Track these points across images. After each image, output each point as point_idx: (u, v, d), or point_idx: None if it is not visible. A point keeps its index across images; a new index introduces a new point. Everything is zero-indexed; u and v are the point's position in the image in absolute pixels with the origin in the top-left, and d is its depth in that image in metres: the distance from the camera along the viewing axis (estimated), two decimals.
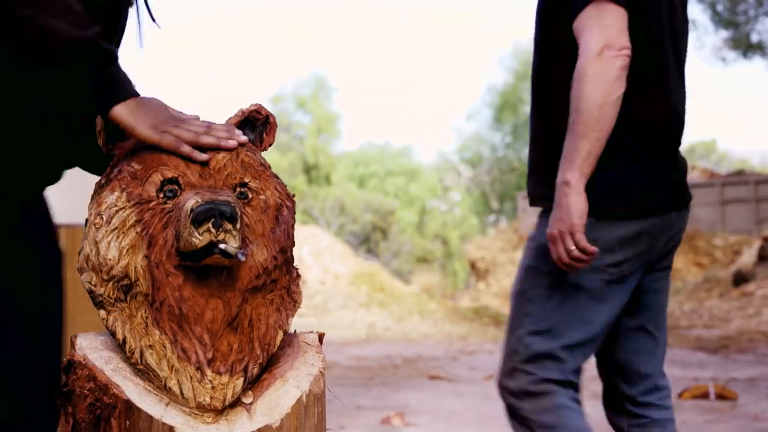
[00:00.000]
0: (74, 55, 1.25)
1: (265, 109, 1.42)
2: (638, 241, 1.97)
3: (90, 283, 1.27)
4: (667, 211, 1.99)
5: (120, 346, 1.25)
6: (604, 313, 2.00)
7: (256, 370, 1.26)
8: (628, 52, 1.87)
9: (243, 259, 1.21)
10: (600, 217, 1.93)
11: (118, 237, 1.24)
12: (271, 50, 70.03)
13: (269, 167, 1.38)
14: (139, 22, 1.61)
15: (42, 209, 1.55)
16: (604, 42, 1.85)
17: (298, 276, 1.36)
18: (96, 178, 1.39)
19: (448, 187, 35.22)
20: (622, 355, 2.08)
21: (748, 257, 11.19)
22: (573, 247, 1.86)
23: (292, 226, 1.35)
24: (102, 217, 1.27)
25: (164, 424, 1.19)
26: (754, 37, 16.52)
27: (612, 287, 1.99)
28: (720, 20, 16.53)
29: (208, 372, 1.22)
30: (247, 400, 1.25)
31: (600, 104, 1.85)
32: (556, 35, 2.01)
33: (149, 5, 1.61)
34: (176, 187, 1.27)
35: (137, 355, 1.23)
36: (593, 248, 1.88)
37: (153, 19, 1.61)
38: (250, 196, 1.31)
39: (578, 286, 1.98)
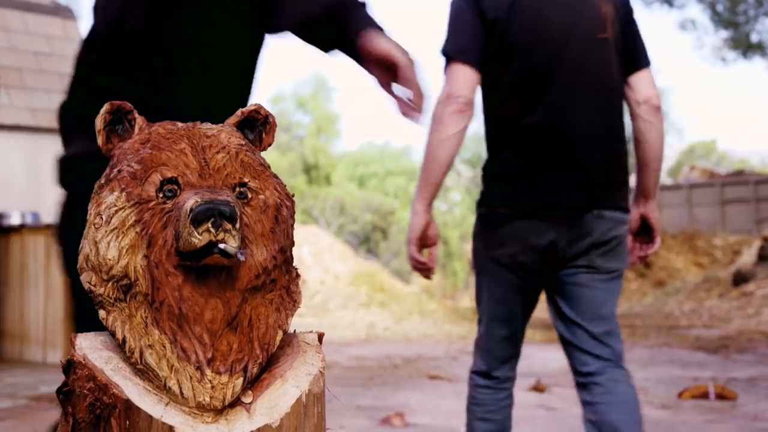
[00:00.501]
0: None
1: (265, 109, 1.42)
2: (522, 236, 2.31)
3: (90, 283, 1.27)
4: (539, 217, 2.30)
5: (120, 346, 1.25)
6: (500, 290, 2.38)
7: (255, 370, 1.26)
8: (463, 99, 2.31)
9: (242, 258, 1.21)
10: (491, 217, 2.37)
11: (117, 237, 1.25)
12: (271, 50, 70.02)
13: (269, 167, 1.38)
14: None
15: None
16: (447, 92, 2.34)
17: (298, 276, 1.36)
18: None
19: (448, 187, 35.24)
20: (564, 339, 2.38)
21: (747, 257, 11.19)
22: (412, 255, 2.35)
23: (292, 225, 1.35)
24: (101, 217, 1.27)
25: (164, 423, 1.19)
26: (754, 37, 16.52)
27: (505, 270, 2.36)
28: (720, 20, 16.53)
29: (208, 372, 1.22)
30: (246, 399, 1.25)
31: (436, 142, 2.35)
32: None
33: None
34: (176, 187, 1.27)
35: (137, 354, 1.23)
36: (422, 258, 2.34)
37: None
38: (250, 195, 1.31)
39: (481, 271, 2.43)
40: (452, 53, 2.41)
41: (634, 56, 2.44)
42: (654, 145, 2.40)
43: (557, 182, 2.29)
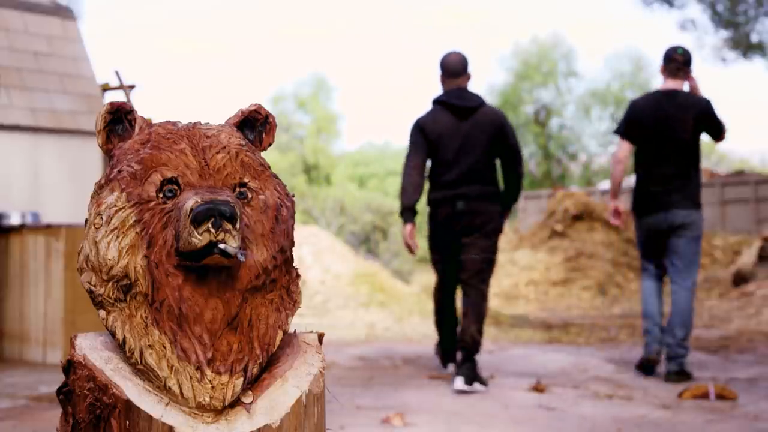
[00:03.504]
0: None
1: (265, 109, 1.42)
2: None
3: (90, 283, 1.27)
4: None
5: (120, 346, 1.25)
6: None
7: (255, 370, 1.26)
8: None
9: (242, 259, 1.21)
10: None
11: (117, 237, 1.25)
12: (271, 50, 70.00)
13: (269, 167, 1.38)
14: None
15: None
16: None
17: (298, 276, 1.36)
18: (94, 179, 1.40)
19: None
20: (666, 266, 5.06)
21: (747, 257, 11.19)
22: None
23: (292, 226, 1.35)
24: (102, 217, 1.27)
25: (164, 423, 1.19)
26: (754, 37, 16.51)
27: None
28: (720, 20, 16.53)
29: (208, 372, 1.22)
30: (246, 399, 1.25)
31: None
32: None
33: None
34: (176, 187, 1.27)
35: (137, 355, 1.23)
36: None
37: None
38: (250, 196, 1.31)
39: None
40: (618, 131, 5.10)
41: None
42: None
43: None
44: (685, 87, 5.00)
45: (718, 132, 4.90)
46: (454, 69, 4.84)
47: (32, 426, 3.53)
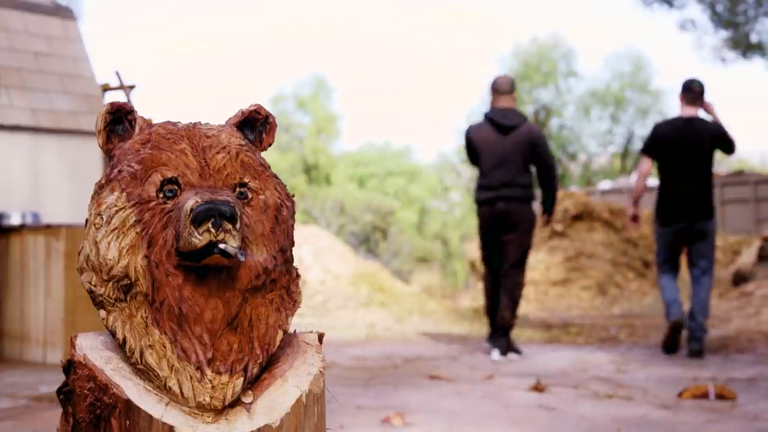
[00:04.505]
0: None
1: (265, 110, 1.42)
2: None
3: (90, 283, 1.27)
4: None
5: (120, 346, 1.25)
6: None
7: (255, 370, 1.26)
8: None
9: (243, 259, 1.21)
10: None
11: (118, 237, 1.25)
12: (271, 50, 70.02)
13: (269, 167, 1.38)
14: None
15: None
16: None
17: (298, 276, 1.36)
18: (94, 179, 1.40)
19: (448, 187, 35.21)
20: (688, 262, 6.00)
21: (747, 257, 11.19)
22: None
23: (292, 226, 1.35)
24: (102, 218, 1.27)
25: (164, 423, 1.19)
26: (754, 37, 16.51)
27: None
28: (719, 20, 16.52)
29: (208, 372, 1.22)
30: (247, 399, 1.25)
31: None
32: None
33: None
34: (176, 187, 1.27)
35: (137, 354, 1.23)
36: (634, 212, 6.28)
37: None
38: (250, 196, 1.31)
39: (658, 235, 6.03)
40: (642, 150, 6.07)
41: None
42: None
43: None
44: (701, 113, 5.97)
45: (729, 149, 5.87)
46: (499, 88, 5.94)
47: (32, 426, 3.53)
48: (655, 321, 8.84)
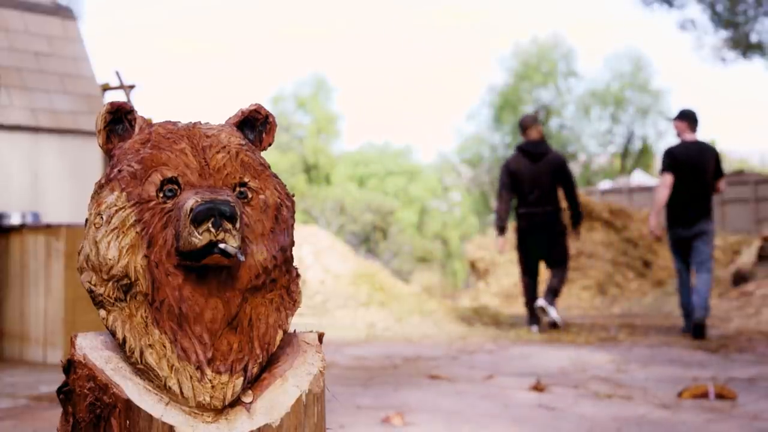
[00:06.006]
0: None
1: (265, 109, 1.42)
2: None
3: (90, 282, 1.27)
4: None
5: (120, 346, 1.25)
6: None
7: (255, 370, 1.26)
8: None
9: (242, 258, 1.21)
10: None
11: (117, 237, 1.25)
12: (271, 50, 70.01)
13: (269, 167, 1.38)
14: None
15: None
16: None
17: (298, 275, 1.36)
18: (94, 179, 1.40)
19: (448, 187, 35.20)
20: (690, 260, 7.17)
21: (747, 257, 11.19)
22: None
23: (292, 225, 1.35)
24: (102, 217, 1.27)
25: (164, 423, 1.19)
26: (754, 37, 16.51)
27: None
28: (719, 20, 16.52)
29: (208, 371, 1.22)
30: (246, 399, 1.25)
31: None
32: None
33: None
34: (176, 187, 1.27)
35: (137, 354, 1.23)
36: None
37: None
38: (250, 195, 1.31)
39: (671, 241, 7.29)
40: (664, 169, 7.19)
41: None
42: None
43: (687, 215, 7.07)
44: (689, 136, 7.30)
45: (722, 170, 7.28)
46: (526, 124, 7.62)
47: (32, 426, 3.53)
48: (654, 321, 8.84)
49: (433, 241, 31.32)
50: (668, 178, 7.12)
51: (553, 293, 7.50)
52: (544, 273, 8.75)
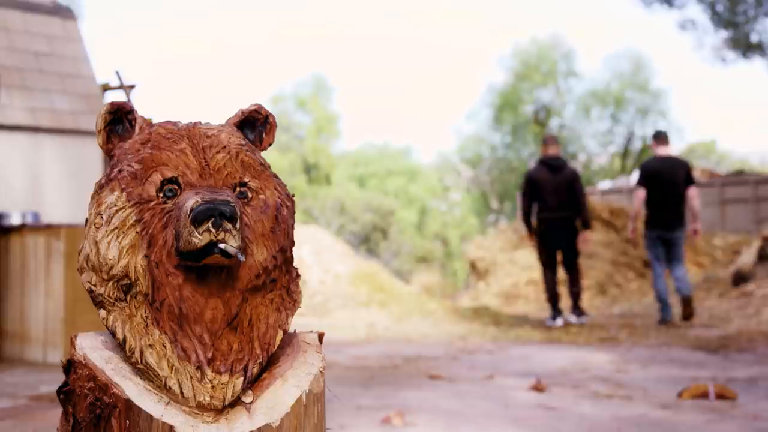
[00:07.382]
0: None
1: (265, 109, 1.42)
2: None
3: (90, 282, 1.27)
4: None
5: (120, 346, 1.25)
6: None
7: (255, 370, 1.26)
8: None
9: (243, 258, 1.21)
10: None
11: (118, 237, 1.25)
12: (271, 50, 70.03)
13: (269, 167, 1.38)
14: None
15: None
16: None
17: (298, 276, 1.36)
18: (94, 179, 1.40)
19: (448, 187, 35.21)
20: (667, 257, 8.31)
21: (747, 257, 11.18)
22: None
23: (292, 225, 1.35)
24: (102, 217, 1.27)
25: (164, 423, 1.19)
26: (754, 37, 16.51)
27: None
28: (720, 20, 16.52)
29: (208, 371, 1.22)
30: (247, 399, 1.25)
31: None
32: None
33: None
34: (176, 187, 1.27)
35: (137, 354, 1.23)
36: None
37: None
38: (250, 195, 1.31)
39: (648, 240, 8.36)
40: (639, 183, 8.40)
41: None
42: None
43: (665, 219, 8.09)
44: (670, 150, 8.40)
45: (692, 180, 8.21)
46: (548, 141, 8.69)
47: (32, 425, 3.53)
48: (654, 321, 8.84)
49: (433, 241, 31.33)
50: (641, 193, 8.26)
51: (576, 301, 8.70)
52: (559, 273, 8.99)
